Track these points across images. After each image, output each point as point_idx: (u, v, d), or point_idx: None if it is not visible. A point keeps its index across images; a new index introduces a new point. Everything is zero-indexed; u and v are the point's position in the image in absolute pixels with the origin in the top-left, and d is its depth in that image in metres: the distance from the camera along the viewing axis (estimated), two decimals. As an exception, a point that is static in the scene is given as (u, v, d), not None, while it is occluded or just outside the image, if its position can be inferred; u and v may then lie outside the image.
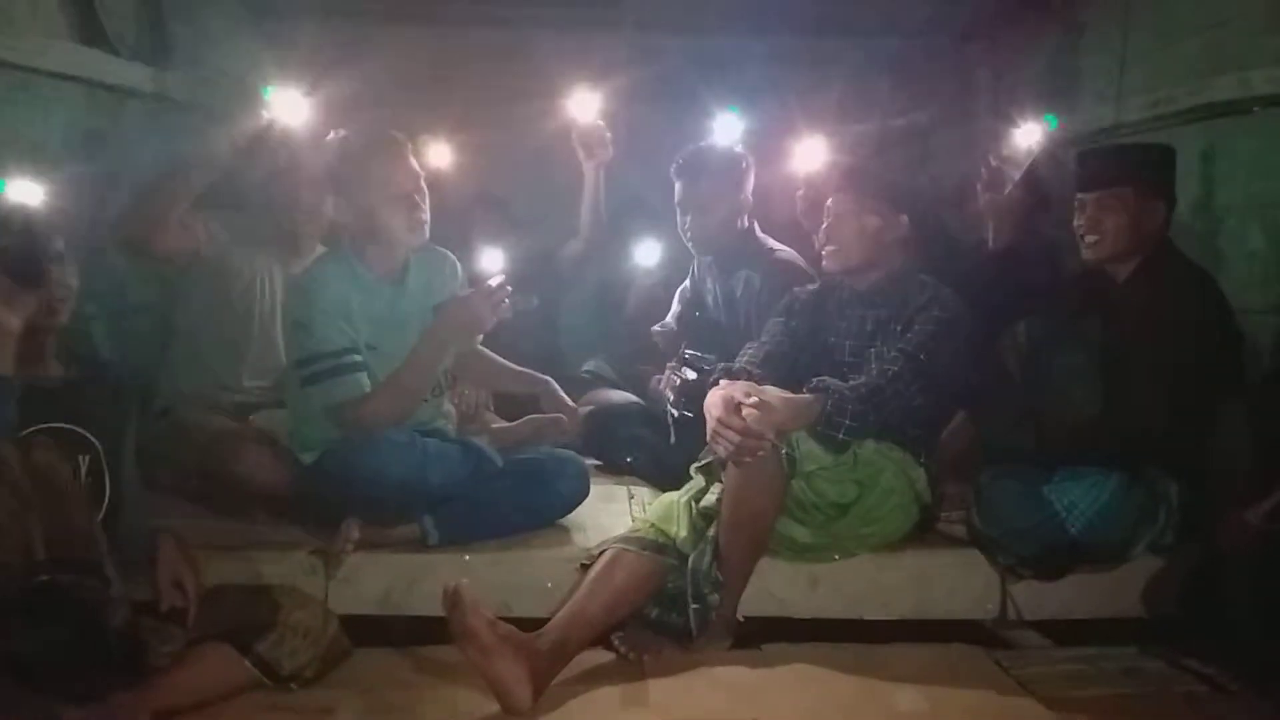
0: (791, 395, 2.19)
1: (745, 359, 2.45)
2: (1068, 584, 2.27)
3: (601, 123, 3.13)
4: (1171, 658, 2.15)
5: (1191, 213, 2.69)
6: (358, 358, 2.27)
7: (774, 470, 2.12)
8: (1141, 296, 2.33)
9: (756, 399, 2.08)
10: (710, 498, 2.21)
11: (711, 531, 2.17)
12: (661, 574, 2.16)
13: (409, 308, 2.40)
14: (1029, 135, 2.86)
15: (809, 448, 2.20)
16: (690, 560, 2.15)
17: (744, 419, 2.06)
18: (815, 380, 2.24)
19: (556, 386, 2.68)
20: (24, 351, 1.82)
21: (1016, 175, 2.78)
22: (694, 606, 2.12)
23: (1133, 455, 2.26)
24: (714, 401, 2.13)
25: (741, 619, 2.23)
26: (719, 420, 2.09)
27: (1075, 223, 2.42)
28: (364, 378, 2.28)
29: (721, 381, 2.22)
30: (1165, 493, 2.26)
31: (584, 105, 3.11)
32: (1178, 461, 2.27)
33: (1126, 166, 2.40)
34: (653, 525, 2.21)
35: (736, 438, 2.06)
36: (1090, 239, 2.39)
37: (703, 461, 2.29)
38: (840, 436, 2.18)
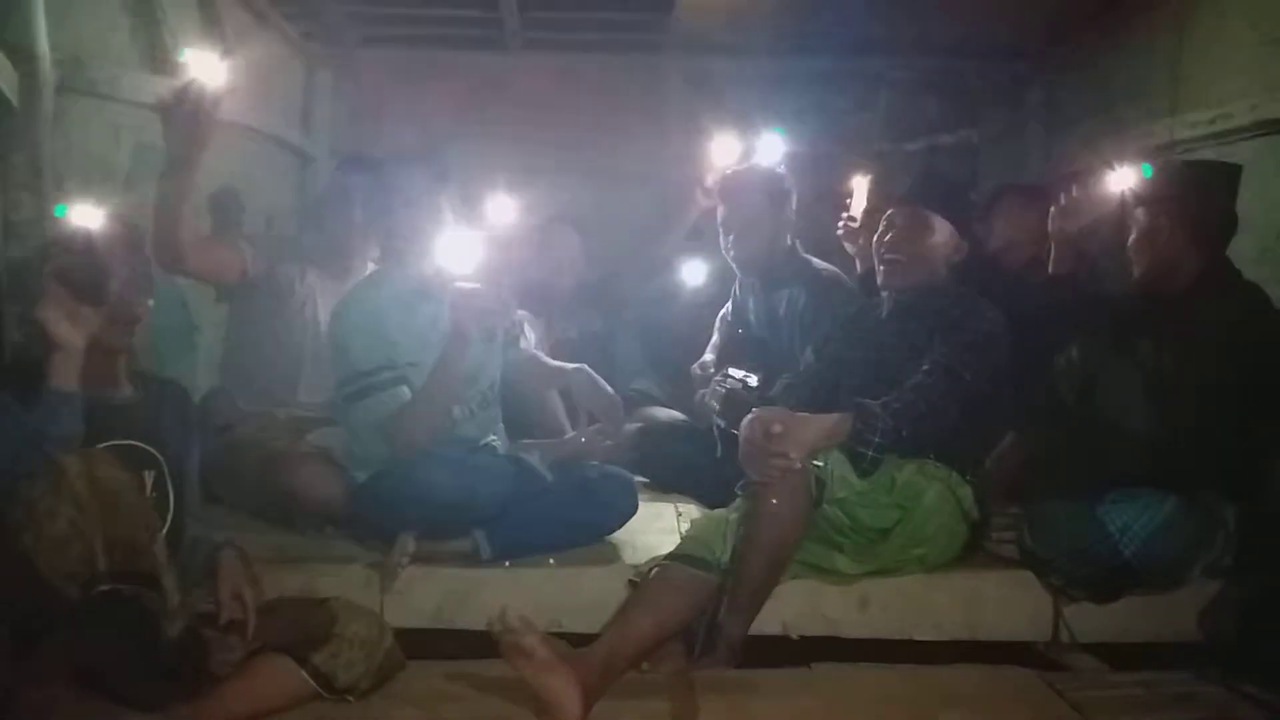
0: (820, 415, 2.23)
1: (780, 388, 2.46)
2: (1122, 607, 2.24)
3: None
4: (1229, 683, 2.09)
5: (1248, 230, 2.65)
6: (394, 373, 2.33)
7: (800, 496, 2.14)
8: (1193, 315, 2.30)
9: (782, 423, 2.13)
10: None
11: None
12: (709, 590, 2.16)
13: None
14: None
15: (842, 472, 2.19)
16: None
17: (774, 440, 2.11)
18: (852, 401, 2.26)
19: (591, 372, 2.70)
20: (97, 370, 1.88)
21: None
22: (705, 624, 2.14)
23: (1188, 477, 2.23)
24: (745, 426, 2.19)
25: (795, 637, 2.24)
26: (747, 440, 2.16)
27: (1129, 241, 2.40)
28: (404, 390, 2.34)
29: (754, 410, 2.25)
30: (1222, 516, 2.22)
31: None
32: (1235, 484, 2.24)
33: (1183, 184, 2.38)
34: (699, 542, 2.23)
35: (765, 457, 2.11)
36: (1143, 257, 2.36)
37: (745, 484, 2.30)
38: (870, 454, 2.19)
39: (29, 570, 1.67)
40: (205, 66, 2.27)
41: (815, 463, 2.16)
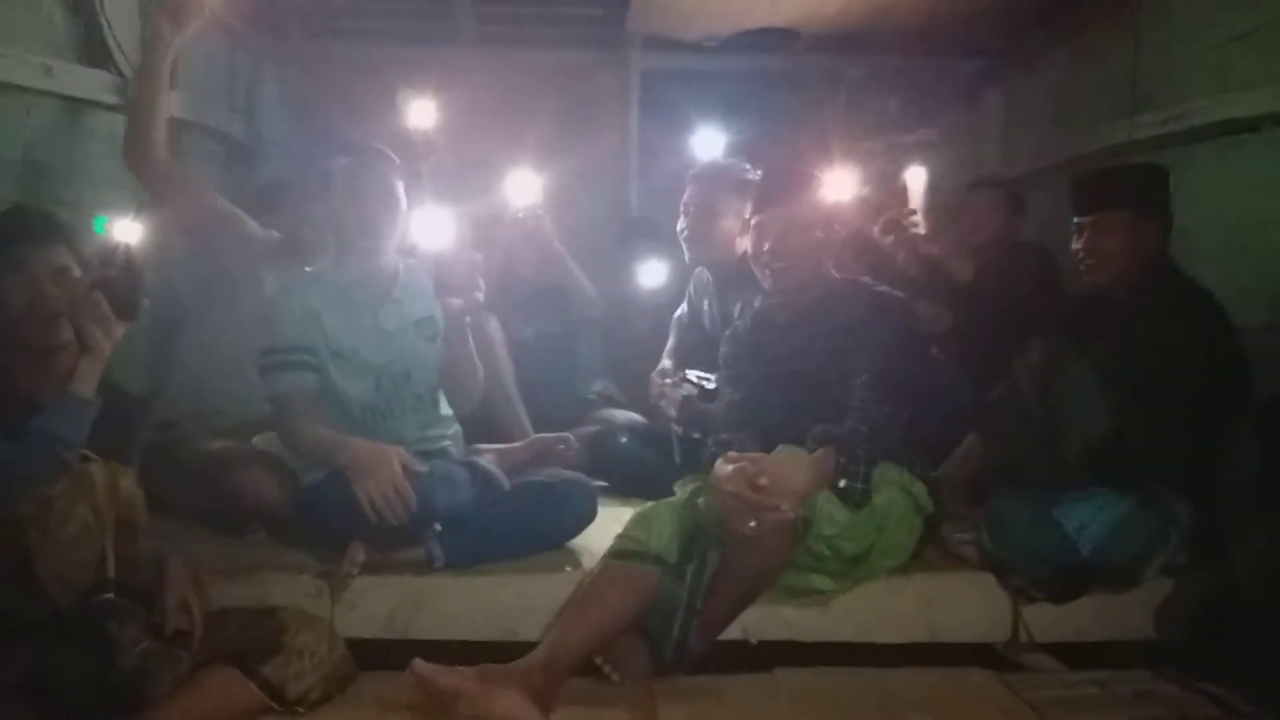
0: (801, 458, 2.17)
1: (723, 407, 2.46)
2: (1080, 607, 2.25)
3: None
4: (1185, 681, 2.12)
5: (1200, 230, 2.68)
6: (308, 358, 2.34)
7: (787, 541, 2.08)
8: (1141, 317, 2.33)
9: (767, 475, 2.03)
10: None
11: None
12: (653, 584, 2.10)
13: (397, 321, 2.42)
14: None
15: (829, 510, 2.14)
16: (688, 582, 2.11)
17: (762, 492, 2.02)
18: (814, 432, 2.22)
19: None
20: (34, 372, 1.83)
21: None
22: (678, 635, 2.09)
23: (1143, 476, 2.25)
24: (727, 477, 2.07)
25: (754, 642, 2.22)
26: (736, 496, 2.04)
27: (1073, 246, 2.42)
28: (309, 376, 2.35)
29: (719, 459, 2.16)
30: (1176, 514, 2.25)
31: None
32: (1188, 482, 2.26)
33: (1121, 189, 2.40)
34: (632, 537, 2.16)
35: (756, 511, 2.02)
36: (1088, 262, 2.39)
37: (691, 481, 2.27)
38: (860, 487, 2.17)
39: (24, 570, 1.66)
40: None
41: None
